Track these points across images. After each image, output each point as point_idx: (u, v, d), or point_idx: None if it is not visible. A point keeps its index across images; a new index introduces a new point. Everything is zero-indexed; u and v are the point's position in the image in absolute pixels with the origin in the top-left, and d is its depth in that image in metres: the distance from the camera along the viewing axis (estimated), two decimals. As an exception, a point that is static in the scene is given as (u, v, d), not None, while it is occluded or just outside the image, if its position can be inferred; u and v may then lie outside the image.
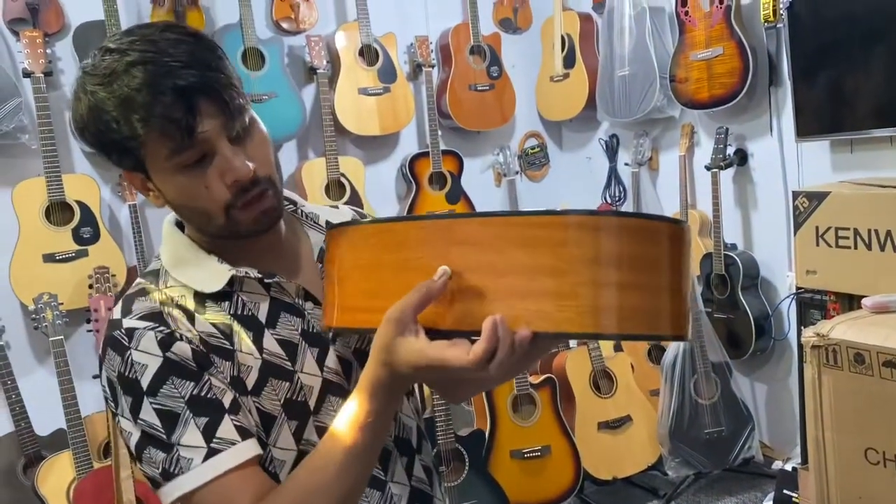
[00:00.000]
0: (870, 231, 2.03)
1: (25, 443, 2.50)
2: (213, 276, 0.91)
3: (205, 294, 0.91)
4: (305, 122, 3.15)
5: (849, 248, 2.08)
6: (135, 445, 0.85)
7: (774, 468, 2.77)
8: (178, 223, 0.98)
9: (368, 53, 3.21)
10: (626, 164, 3.41)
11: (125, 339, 0.85)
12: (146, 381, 0.84)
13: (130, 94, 0.80)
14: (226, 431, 0.84)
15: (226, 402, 0.86)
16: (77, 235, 2.69)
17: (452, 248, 0.77)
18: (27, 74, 2.62)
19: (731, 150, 2.93)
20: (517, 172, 3.60)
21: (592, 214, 0.74)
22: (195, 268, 0.93)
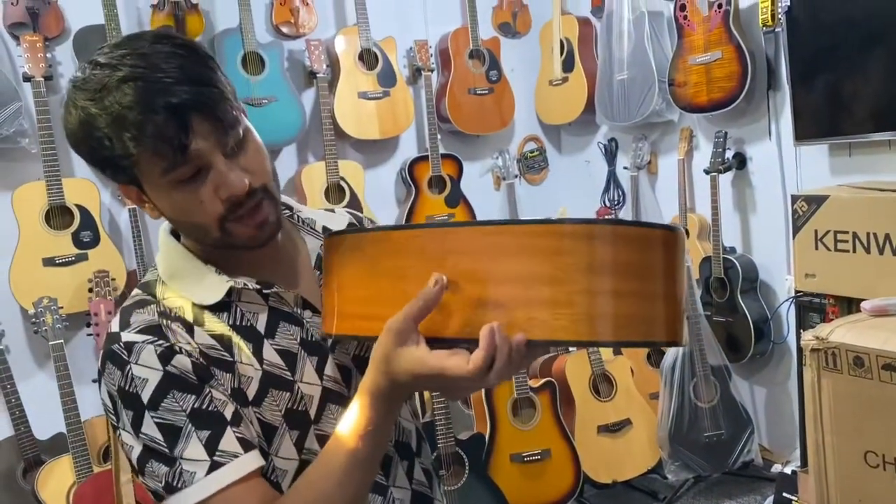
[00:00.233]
0: (868, 234, 2.03)
1: (25, 447, 2.50)
2: (211, 288, 0.91)
3: (203, 305, 0.90)
4: (305, 126, 3.15)
5: (847, 252, 2.09)
6: (137, 459, 0.85)
7: (774, 471, 2.77)
8: (174, 232, 0.98)
9: (368, 57, 3.22)
10: (625, 168, 3.42)
11: (124, 353, 0.85)
12: (147, 396, 0.84)
13: (122, 113, 0.79)
14: (228, 444, 0.84)
15: (227, 415, 0.85)
16: (77, 239, 2.69)
17: (448, 257, 0.78)
18: (27, 78, 2.62)
19: (730, 154, 2.93)
20: (516, 176, 3.61)
21: (587, 223, 0.75)
22: (193, 279, 0.92)
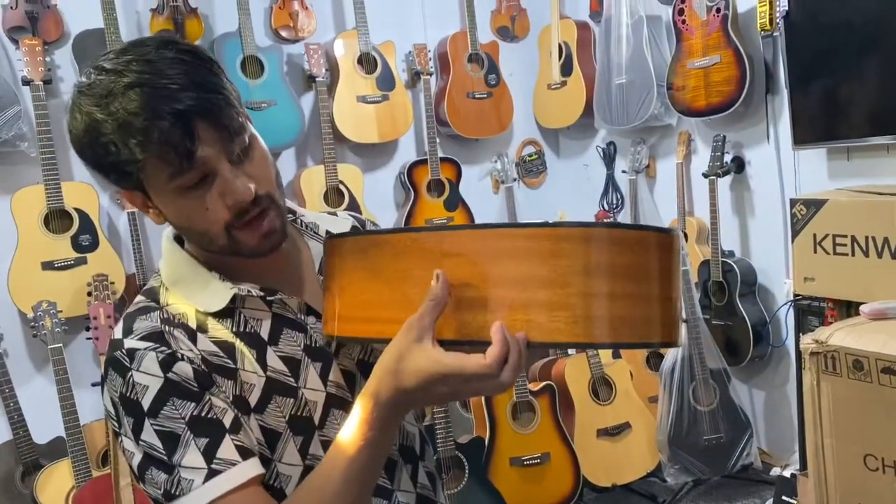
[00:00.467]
0: (867, 238, 2.04)
1: (23, 451, 2.50)
2: (215, 295, 0.91)
3: (207, 312, 0.90)
4: (304, 130, 3.15)
5: (846, 256, 2.09)
6: (137, 466, 0.85)
7: (773, 474, 2.78)
8: (177, 238, 0.98)
9: (367, 61, 3.22)
10: (624, 172, 3.42)
11: (126, 360, 0.85)
12: (147, 403, 0.84)
13: (128, 119, 0.79)
14: (226, 452, 0.83)
15: (226, 422, 0.85)
16: (76, 243, 2.69)
17: (447, 259, 0.79)
18: (26, 82, 2.62)
19: (729, 158, 2.94)
20: (515, 180, 3.62)
21: (583, 226, 0.76)
22: (196, 286, 0.92)
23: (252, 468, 0.84)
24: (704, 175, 2.91)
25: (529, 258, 0.75)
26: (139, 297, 0.94)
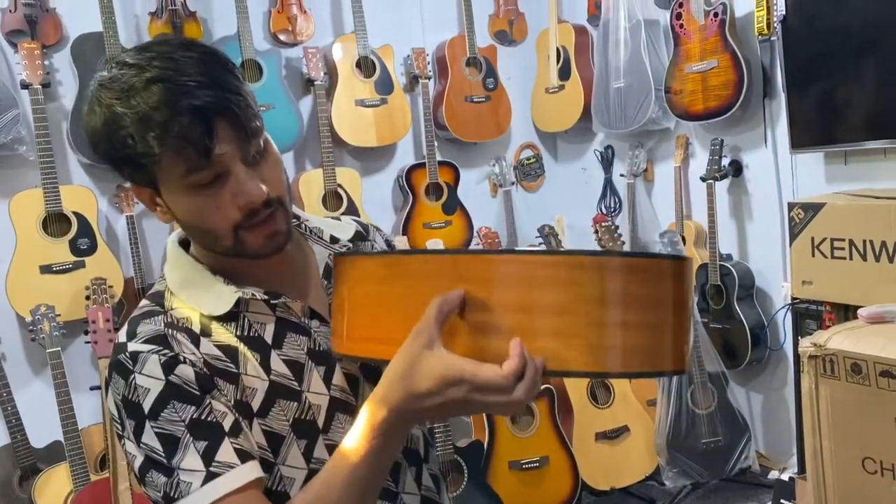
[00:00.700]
0: (865, 242, 2.04)
1: (21, 455, 2.49)
2: (219, 299, 0.91)
3: (211, 316, 0.91)
4: (302, 134, 3.16)
5: (844, 259, 2.10)
6: (138, 468, 0.85)
7: (771, 478, 2.79)
8: (182, 242, 0.98)
9: (365, 65, 3.23)
10: (622, 176, 3.43)
11: (129, 363, 0.85)
12: (148, 405, 0.84)
13: (148, 112, 0.80)
14: (225, 454, 0.83)
15: (226, 426, 0.85)
16: (74, 247, 2.69)
17: (460, 284, 0.78)
18: (25, 86, 2.61)
19: (726, 162, 2.95)
20: (513, 183, 3.63)
21: (598, 255, 0.76)
22: (201, 290, 0.92)
23: (251, 471, 0.84)
24: (702, 179, 2.92)
25: (545, 286, 0.75)
26: (144, 301, 0.94)
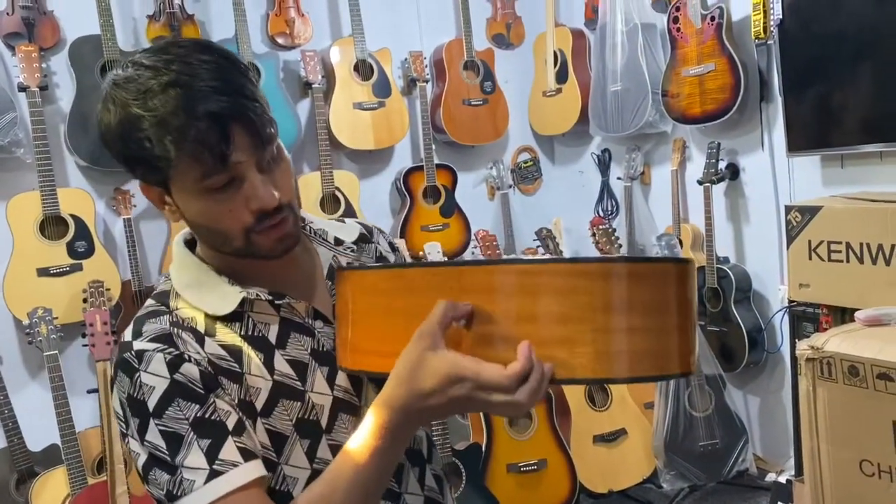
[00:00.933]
0: (861, 245, 2.05)
1: (18, 458, 2.48)
2: (224, 299, 0.92)
3: (216, 316, 0.91)
4: (300, 137, 3.16)
5: (841, 262, 2.11)
6: (142, 466, 0.86)
7: (768, 480, 2.79)
8: (188, 242, 0.99)
9: (363, 68, 3.23)
10: (619, 179, 3.44)
11: (135, 361, 0.86)
12: (152, 403, 0.84)
13: (165, 116, 0.80)
14: (228, 453, 0.84)
15: (230, 424, 0.86)
16: (71, 249, 2.68)
17: (465, 295, 0.78)
18: (22, 89, 2.61)
19: (723, 165, 2.96)
20: (510, 186, 3.63)
21: (601, 261, 0.76)
22: (206, 290, 0.93)
23: (254, 470, 0.85)
24: (699, 182, 2.93)
25: (549, 294, 0.75)
26: (149, 301, 0.95)
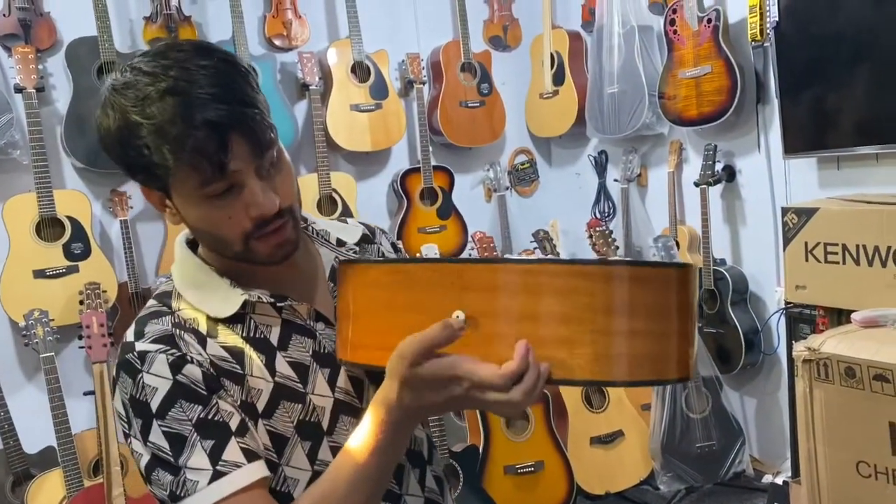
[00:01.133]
0: (858, 246, 2.06)
1: (14, 461, 2.47)
2: (226, 301, 0.92)
3: (218, 318, 0.91)
4: (297, 138, 3.16)
5: (837, 264, 2.11)
6: (144, 467, 0.86)
7: (765, 482, 2.79)
8: (189, 243, 0.99)
9: (360, 70, 3.23)
10: (616, 181, 3.44)
11: (137, 362, 0.86)
12: (155, 404, 0.84)
13: (163, 124, 0.80)
14: (231, 454, 0.84)
15: (233, 425, 0.86)
16: (68, 251, 2.68)
17: (466, 293, 0.79)
18: (19, 90, 2.61)
19: (720, 167, 2.96)
20: (507, 188, 3.63)
21: (603, 263, 0.77)
22: (208, 291, 0.93)
23: (257, 471, 0.85)
24: (696, 184, 2.93)
25: (551, 295, 0.75)
26: (151, 301, 0.95)
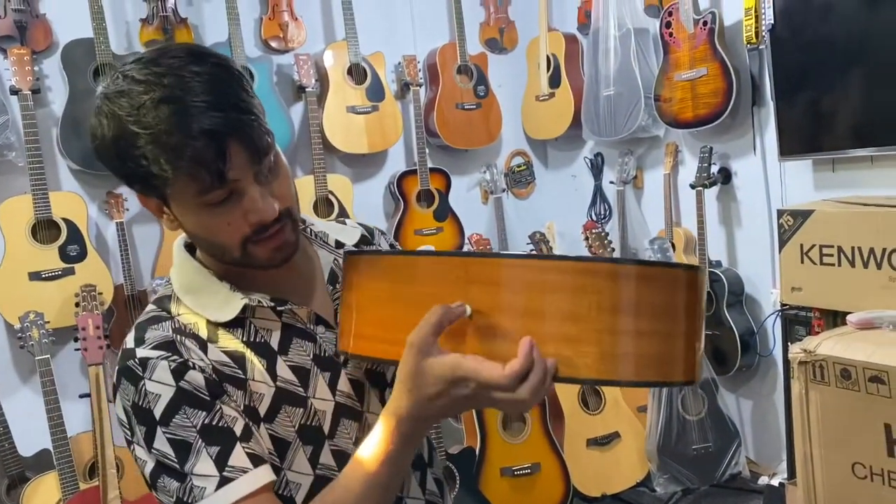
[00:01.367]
0: (853, 248, 2.06)
1: (9, 464, 2.46)
2: (226, 305, 0.91)
3: (218, 322, 0.91)
4: (294, 140, 3.15)
5: (833, 266, 2.12)
6: (149, 474, 0.85)
7: (761, 483, 2.80)
8: (188, 245, 0.98)
9: (357, 72, 3.23)
10: (612, 183, 3.45)
11: (139, 369, 0.85)
12: (159, 411, 0.84)
13: (160, 135, 0.79)
14: (237, 459, 0.84)
15: (237, 430, 0.86)
16: (64, 253, 2.67)
17: (472, 287, 0.78)
18: (14, 92, 2.60)
19: (715, 169, 2.97)
20: (504, 190, 3.64)
21: (611, 262, 0.76)
22: (207, 296, 0.92)
23: (263, 475, 0.85)
24: (692, 186, 2.94)
25: (558, 292, 0.74)
26: (150, 306, 0.95)
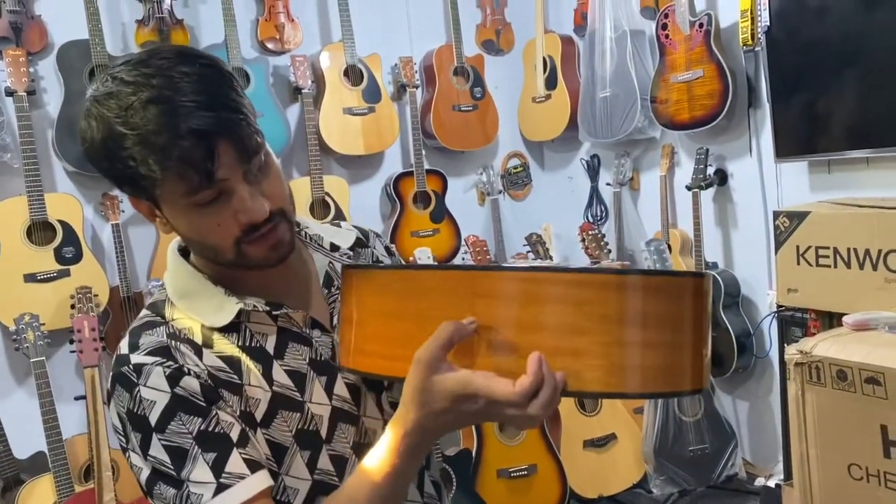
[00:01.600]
0: (849, 250, 2.07)
1: (4, 466, 2.45)
2: (221, 310, 0.91)
3: (213, 327, 0.90)
4: (290, 142, 3.15)
5: (829, 267, 2.12)
6: (145, 481, 0.85)
7: (757, 485, 2.80)
8: (182, 250, 0.97)
9: (353, 74, 3.23)
10: (608, 184, 3.45)
11: (133, 376, 0.85)
12: (154, 418, 0.83)
13: (148, 135, 0.79)
14: (234, 465, 0.83)
15: (234, 436, 0.85)
16: (59, 255, 2.66)
17: (477, 301, 0.77)
18: (10, 93, 2.59)
19: (712, 171, 2.97)
20: (500, 192, 3.64)
21: (617, 273, 0.75)
22: (202, 300, 0.92)
23: (261, 481, 0.84)
24: (688, 187, 2.94)
25: (564, 304, 0.74)
26: (144, 312, 0.94)
